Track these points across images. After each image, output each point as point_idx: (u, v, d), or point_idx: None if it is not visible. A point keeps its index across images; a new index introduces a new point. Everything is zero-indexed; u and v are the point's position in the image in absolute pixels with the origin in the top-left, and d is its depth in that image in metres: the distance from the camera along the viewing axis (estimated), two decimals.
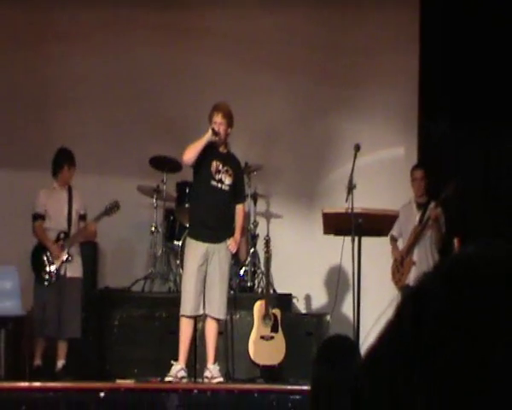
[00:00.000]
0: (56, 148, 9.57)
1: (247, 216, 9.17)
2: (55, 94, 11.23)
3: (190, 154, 8.55)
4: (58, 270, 9.25)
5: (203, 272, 8.50)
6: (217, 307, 8.52)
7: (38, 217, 9.38)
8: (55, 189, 9.47)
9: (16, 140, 11.09)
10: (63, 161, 9.43)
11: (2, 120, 11.14)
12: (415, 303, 0.86)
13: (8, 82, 11.18)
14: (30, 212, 9.40)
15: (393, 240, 9.94)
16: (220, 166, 8.62)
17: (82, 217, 9.48)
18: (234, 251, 8.72)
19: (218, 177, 8.61)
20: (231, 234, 8.64)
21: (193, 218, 8.88)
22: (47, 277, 9.24)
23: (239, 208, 8.81)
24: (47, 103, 11.21)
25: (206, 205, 8.62)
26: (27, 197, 9.59)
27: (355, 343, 3.09)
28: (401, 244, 9.92)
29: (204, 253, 8.50)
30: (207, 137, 8.51)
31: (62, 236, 9.35)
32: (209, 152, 8.57)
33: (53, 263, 9.26)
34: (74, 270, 9.34)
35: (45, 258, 9.29)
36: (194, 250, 8.57)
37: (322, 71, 11.22)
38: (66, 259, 9.27)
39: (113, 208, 9.43)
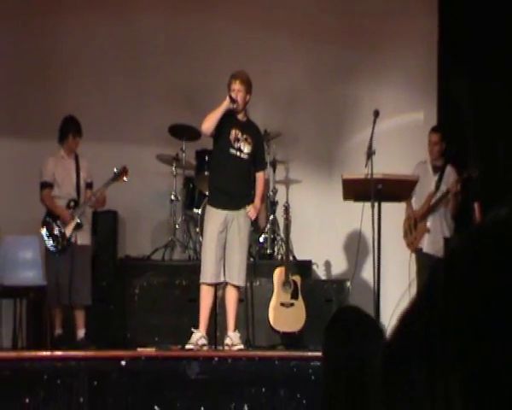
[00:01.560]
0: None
1: (267, 184, 9.13)
2: (67, 65, 11.18)
3: (209, 123, 8.52)
4: (69, 238, 9.24)
5: (223, 239, 8.48)
6: (236, 273, 8.51)
7: (46, 185, 9.36)
8: (62, 157, 9.45)
9: (29, 109, 11.06)
10: (69, 129, 9.42)
11: (11, 89, 11.11)
12: (446, 273, 0.82)
13: (16, 51, 11.14)
14: (39, 181, 9.40)
15: (408, 199, 9.84)
16: (239, 135, 8.59)
17: (89, 185, 9.48)
18: (253, 218, 8.69)
19: (236, 145, 8.58)
20: (251, 201, 8.62)
21: (212, 186, 8.86)
22: (57, 244, 9.23)
23: (259, 176, 8.79)
24: (60, 75, 11.17)
25: (225, 173, 8.60)
26: (35, 166, 9.56)
27: (367, 316, 3.02)
28: (414, 202, 9.83)
29: (223, 220, 8.48)
30: (225, 105, 8.47)
31: (72, 204, 9.34)
32: (228, 120, 8.54)
33: (63, 230, 9.25)
34: (84, 238, 9.35)
35: (55, 225, 9.27)
36: (214, 218, 8.55)
37: (340, 36, 11.15)
38: (77, 225, 9.25)
39: (121, 174, 9.41)
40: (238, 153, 8.59)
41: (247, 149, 8.62)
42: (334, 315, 2.98)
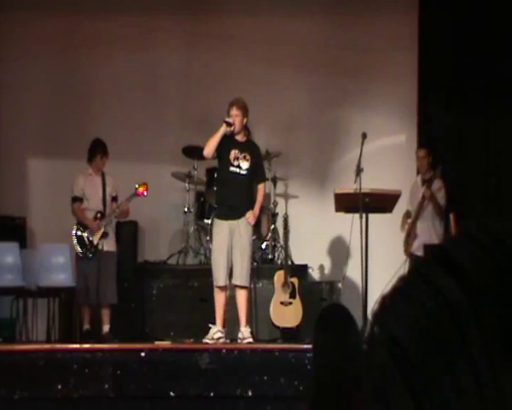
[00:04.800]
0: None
1: (266, 194, 9.10)
2: (96, 93, 11.20)
3: (208, 149, 8.55)
4: (96, 245, 9.24)
5: (229, 246, 8.46)
6: (239, 275, 8.48)
7: (77, 199, 9.38)
8: (90, 175, 9.46)
9: (59, 132, 11.08)
10: (97, 150, 9.43)
11: (48, 117, 11.13)
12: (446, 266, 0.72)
13: (52, 82, 11.17)
14: (70, 195, 9.41)
15: (407, 215, 9.80)
16: (238, 154, 8.57)
17: (114, 198, 9.49)
18: (252, 223, 8.60)
19: (236, 163, 8.56)
20: (250, 209, 8.58)
21: (217, 200, 8.89)
22: (87, 251, 9.23)
23: (259, 187, 8.76)
24: (89, 102, 11.18)
25: (226, 188, 8.60)
26: (68, 182, 9.57)
27: (349, 312, 3.01)
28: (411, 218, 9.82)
29: (227, 229, 8.47)
30: (222, 130, 8.48)
31: (99, 215, 9.34)
32: (228, 142, 8.54)
33: (91, 238, 9.25)
34: (110, 245, 9.35)
35: (85, 235, 9.28)
36: (220, 228, 8.55)
37: (333, 68, 11.14)
38: (103, 234, 9.26)
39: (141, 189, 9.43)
40: (238, 170, 8.57)
41: (245, 165, 8.59)
42: (322, 312, 2.98)
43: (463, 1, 10.68)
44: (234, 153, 8.55)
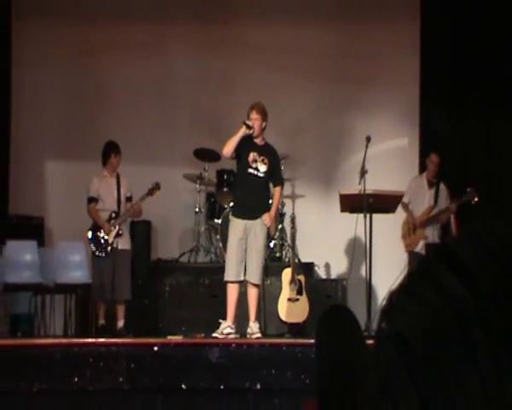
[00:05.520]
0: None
1: (280, 198, 9.08)
2: (110, 97, 11.25)
3: (227, 148, 8.53)
4: (111, 243, 9.28)
5: (243, 244, 8.47)
6: (253, 273, 8.50)
7: (92, 200, 9.42)
8: (105, 176, 9.50)
9: (75, 135, 11.14)
10: (110, 151, 9.47)
11: (65, 121, 11.19)
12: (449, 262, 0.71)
13: (68, 87, 11.22)
14: (86, 196, 9.47)
15: (406, 206, 9.81)
16: (257, 157, 8.57)
17: (128, 199, 9.51)
18: (268, 225, 8.62)
19: (254, 165, 8.56)
20: (267, 211, 8.60)
21: (235, 200, 8.90)
22: (102, 250, 9.28)
23: (276, 190, 8.76)
24: (104, 106, 11.23)
25: (244, 189, 8.61)
26: (84, 184, 9.63)
27: (353, 313, 2.95)
28: (412, 211, 9.81)
29: (243, 228, 8.48)
30: (241, 131, 8.48)
31: (113, 215, 9.39)
32: (248, 145, 8.54)
33: (106, 238, 9.30)
34: (124, 243, 9.37)
35: (100, 234, 9.33)
36: (236, 226, 8.57)
37: (337, 74, 11.17)
38: (117, 233, 9.30)
39: (154, 189, 9.44)
40: (256, 172, 8.58)
41: (263, 168, 8.60)
42: (324, 313, 2.92)
43: (465, 7, 10.67)
44: (253, 155, 8.56)
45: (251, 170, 8.55)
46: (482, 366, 0.67)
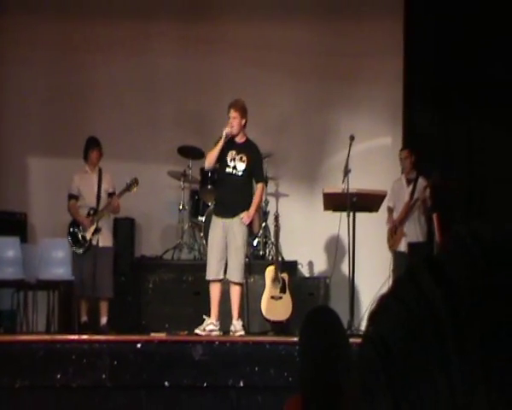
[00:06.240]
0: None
1: (262, 195, 9.07)
2: (94, 95, 11.23)
3: (210, 160, 8.64)
4: (90, 240, 9.27)
5: (223, 242, 8.49)
6: (233, 272, 8.51)
7: (72, 197, 9.43)
8: (86, 172, 9.50)
9: (58, 132, 11.11)
10: (90, 146, 9.48)
11: (46, 116, 11.16)
12: (436, 271, 0.71)
13: (51, 83, 11.19)
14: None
15: (390, 211, 9.85)
16: (235, 155, 8.57)
17: (110, 195, 9.50)
18: (246, 223, 8.58)
19: (232, 164, 8.55)
20: (246, 209, 8.60)
21: (216, 198, 8.92)
22: (80, 246, 9.28)
23: (258, 187, 8.74)
24: (88, 103, 11.21)
25: (223, 188, 8.64)
26: (67, 180, 9.62)
27: (337, 315, 2.92)
28: (395, 214, 9.85)
29: (222, 226, 8.50)
30: (221, 143, 8.47)
31: (92, 212, 9.38)
32: (227, 144, 8.54)
33: (85, 234, 9.29)
34: (105, 240, 9.36)
35: (78, 231, 9.32)
36: (215, 225, 8.59)
37: (321, 72, 11.19)
38: (95, 230, 9.29)
39: (132, 184, 9.43)
40: (233, 171, 8.57)
41: (242, 166, 8.58)
42: (308, 315, 2.89)
43: (448, 6, 10.71)
44: (231, 154, 8.56)
45: (228, 169, 8.55)
46: (452, 371, 0.68)
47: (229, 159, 8.55)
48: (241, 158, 8.58)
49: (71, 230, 9.35)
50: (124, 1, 11.36)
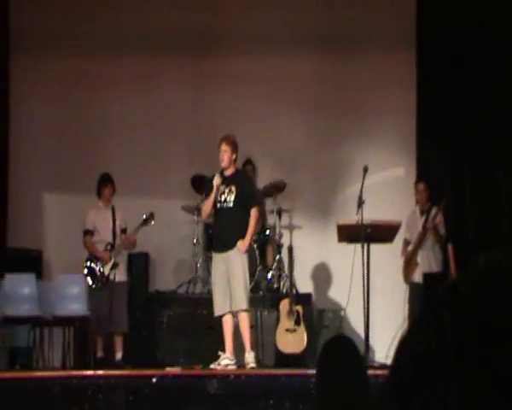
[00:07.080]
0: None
1: (258, 219, 8.96)
2: (107, 131, 11.30)
3: (205, 213, 8.73)
4: (107, 275, 9.30)
5: (225, 276, 8.49)
6: (237, 302, 8.46)
7: (88, 232, 9.47)
8: (101, 208, 9.56)
9: (72, 169, 11.18)
10: (103, 182, 9.54)
11: (60, 153, 11.25)
12: (454, 298, 0.75)
13: (64, 120, 11.28)
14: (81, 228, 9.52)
15: (406, 243, 9.86)
16: (224, 189, 8.59)
17: (123, 230, 9.56)
18: (243, 251, 8.53)
19: (222, 198, 8.58)
20: (242, 238, 8.56)
21: (212, 235, 8.94)
22: (98, 282, 9.30)
23: (251, 213, 8.65)
24: (101, 139, 11.28)
25: (216, 223, 8.73)
26: (81, 216, 9.68)
27: (355, 344, 2.90)
28: (410, 246, 9.85)
29: (221, 260, 8.53)
30: (213, 194, 8.52)
31: (109, 247, 9.42)
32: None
33: (103, 269, 9.32)
34: (121, 275, 9.41)
35: (96, 266, 9.35)
36: (215, 261, 8.66)
37: (334, 106, 11.22)
38: (113, 265, 9.33)
39: (149, 219, 9.47)
40: (224, 204, 8.58)
41: (231, 197, 8.58)
42: (326, 344, 2.89)
43: (462, 38, 10.72)
44: (220, 189, 8.60)
45: (219, 204, 8.59)
46: (451, 392, 0.72)
47: (219, 194, 8.59)
48: (230, 189, 8.60)
49: (88, 264, 9.39)
50: (136, 39, 11.45)
